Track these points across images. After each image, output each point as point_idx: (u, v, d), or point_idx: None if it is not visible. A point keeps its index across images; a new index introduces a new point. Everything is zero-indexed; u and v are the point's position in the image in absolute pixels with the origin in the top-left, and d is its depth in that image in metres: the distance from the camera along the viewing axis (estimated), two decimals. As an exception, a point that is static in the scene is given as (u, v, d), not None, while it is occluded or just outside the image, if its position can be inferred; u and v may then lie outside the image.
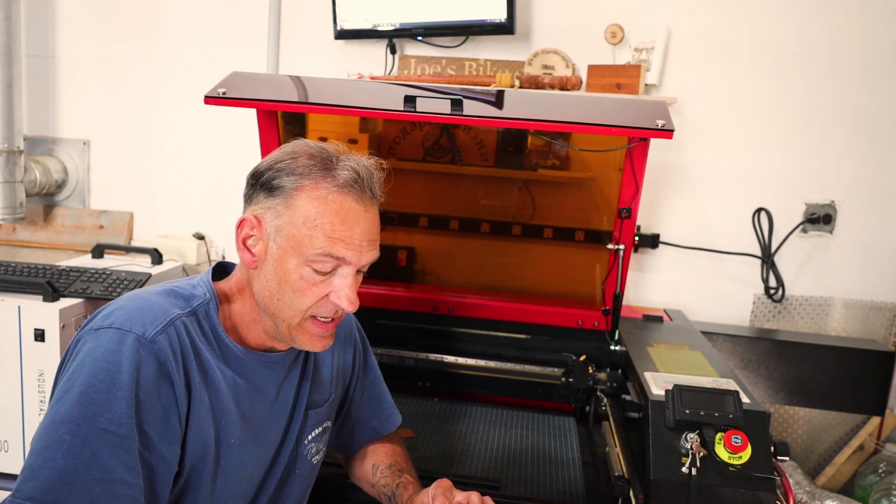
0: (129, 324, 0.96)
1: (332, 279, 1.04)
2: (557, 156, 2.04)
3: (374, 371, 1.40)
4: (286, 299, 1.04)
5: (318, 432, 1.24)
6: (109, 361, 0.93)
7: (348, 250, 1.02)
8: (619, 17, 2.27)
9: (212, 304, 1.07)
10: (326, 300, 1.05)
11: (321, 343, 1.09)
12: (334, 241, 1.01)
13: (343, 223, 1.02)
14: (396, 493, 1.23)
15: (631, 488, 1.27)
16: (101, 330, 0.96)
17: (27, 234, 2.76)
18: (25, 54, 2.60)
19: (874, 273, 2.30)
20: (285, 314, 1.05)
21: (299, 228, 1.02)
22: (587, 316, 1.87)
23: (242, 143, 2.51)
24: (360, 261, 1.05)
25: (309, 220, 1.01)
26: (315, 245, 1.01)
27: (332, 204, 1.02)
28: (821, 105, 2.26)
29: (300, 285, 1.03)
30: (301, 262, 1.02)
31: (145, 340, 0.95)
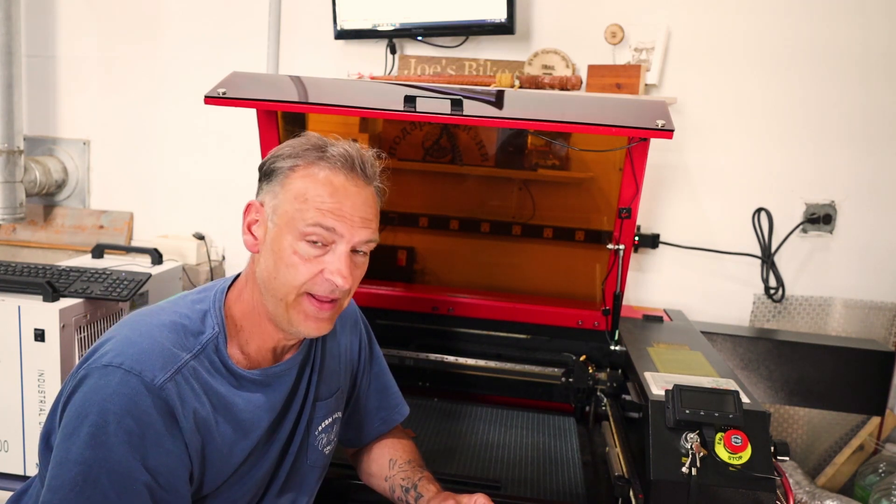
0: (140, 367, 0.97)
1: (326, 256, 1.06)
2: (557, 156, 2.04)
3: (379, 361, 1.41)
4: (281, 276, 1.06)
5: (328, 423, 1.25)
6: (118, 405, 0.95)
7: (338, 222, 1.04)
8: (619, 17, 2.27)
9: (220, 338, 1.08)
10: (321, 277, 1.05)
11: (316, 324, 1.08)
12: (324, 212, 1.04)
13: (332, 196, 1.05)
14: (418, 485, 1.24)
15: (631, 488, 1.27)
16: (110, 368, 0.97)
17: (27, 234, 2.76)
18: (25, 54, 2.59)
19: (874, 273, 2.30)
20: (281, 292, 1.06)
21: (292, 204, 1.05)
22: (587, 316, 1.87)
23: (242, 144, 2.51)
24: (352, 235, 1.06)
25: (300, 196, 1.05)
26: (306, 218, 1.04)
27: (322, 179, 1.06)
28: (821, 105, 2.26)
29: (294, 260, 1.05)
30: (295, 237, 1.05)
31: (154, 387, 0.97)
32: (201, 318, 1.08)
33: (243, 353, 1.11)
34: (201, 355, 1.04)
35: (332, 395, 1.25)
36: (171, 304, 1.12)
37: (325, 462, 1.27)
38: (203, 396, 1.03)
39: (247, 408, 1.08)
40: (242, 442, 1.09)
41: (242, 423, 1.08)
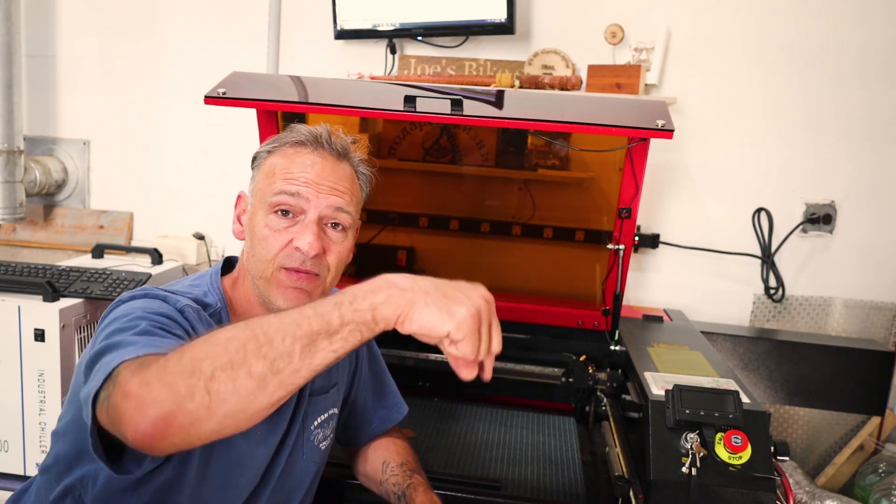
0: (162, 294, 1.03)
1: (295, 227, 1.08)
2: (557, 156, 2.04)
3: (378, 360, 1.41)
4: (256, 252, 1.09)
5: (324, 418, 1.25)
6: (149, 309, 0.98)
7: (302, 186, 1.07)
8: (619, 17, 2.27)
9: (223, 313, 1.11)
10: (290, 247, 1.07)
11: (293, 294, 1.08)
12: (289, 179, 1.08)
13: (298, 166, 1.09)
14: (407, 492, 1.23)
15: (631, 488, 1.27)
16: (133, 298, 1.01)
17: (27, 234, 2.76)
18: (25, 54, 2.59)
19: (874, 273, 2.30)
20: (259, 268, 1.09)
21: (262, 181, 1.11)
22: (587, 316, 1.87)
23: (243, 144, 2.51)
24: (318, 201, 1.08)
25: (269, 171, 1.10)
26: (273, 188, 1.08)
27: (291, 154, 1.10)
28: (821, 105, 2.26)
29: (265, 233, 1.08)
30: (265, 211, 1.08)
31: (176, 308, 1.01)
32: (203, 294, 1.12)
33: None
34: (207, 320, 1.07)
35: (329, 390, 1.25)
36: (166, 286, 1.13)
37: (321, 458, 1.26)
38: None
39: None
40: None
41: None
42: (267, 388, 0.74)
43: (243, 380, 0.73)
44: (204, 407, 0.73)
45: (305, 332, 0.76)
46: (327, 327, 0.77)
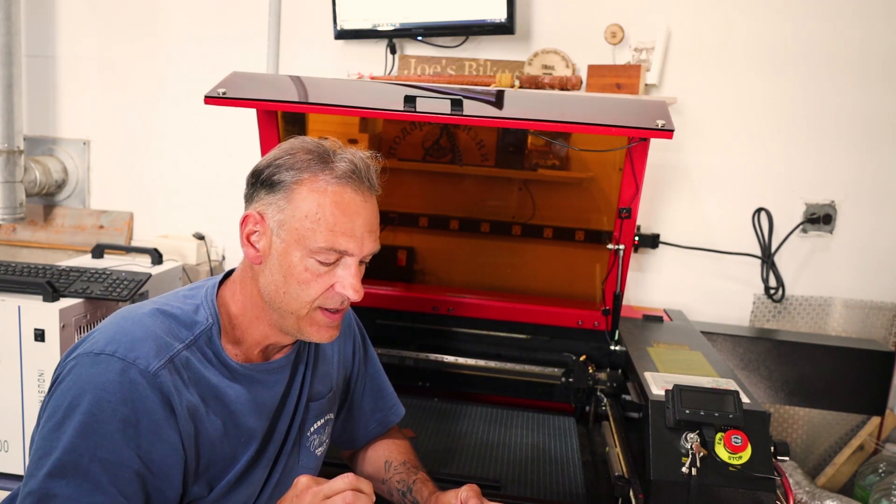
0: (133, 355, 0.97)
1: (336, 270, 1.06)
2: (557, 156, 2.04)
3: (374, 363, 1.41)
4: (292, 292, 1.05)
5: (321, 424, 1.25)
6: (113, 393, 0.94)
7: (350, 242, 1.04)
8: (619, 17, 2.27)
9: (214, 329, 1.08)
10: (332, 291, 1.06)
11: (328, 334, 1.09)
12: (336, 234, 1.03)
13: (344, 215, 1.03)
14: (413, 487, 1.24)
15: (631, 488, 1.27)
16: (102, 356, 0.96)
17: (27, 234, 2.76)
18: (25, 54, 2.59)
19: (874, 273, 2.30)
20: (293, 307, 1.06)
21: (302, 222, 1.03)
22: (587, 316, 1.87)
23: (242, 144, 2.51)
24: (362, 251, 1.06)
25: (311, 214, 1.03)
26: (318, 239, 1.03)
27: (332, 196, 1.03)
28: (820, 105, 2.26)
29: (305, 277, 1.04)
30: (305, 254, 1.04)
31: (148, 374, 0.96)
32: (194, 310, 1.08)
33: (235, 348, 1.11)
34: (194, 346, 1.04)
35: (325, 395, 1.25)
36: (161, 298, 1.12)
37: (316, 464, 1.26)
38: (194, 386, 1.02)
39: (238, 400, 1.08)
40: (234, 434, 1.08)
41: (234, 415, 1.07)
42: None
43: None
44: None
45: None
46: None
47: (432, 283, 2.15)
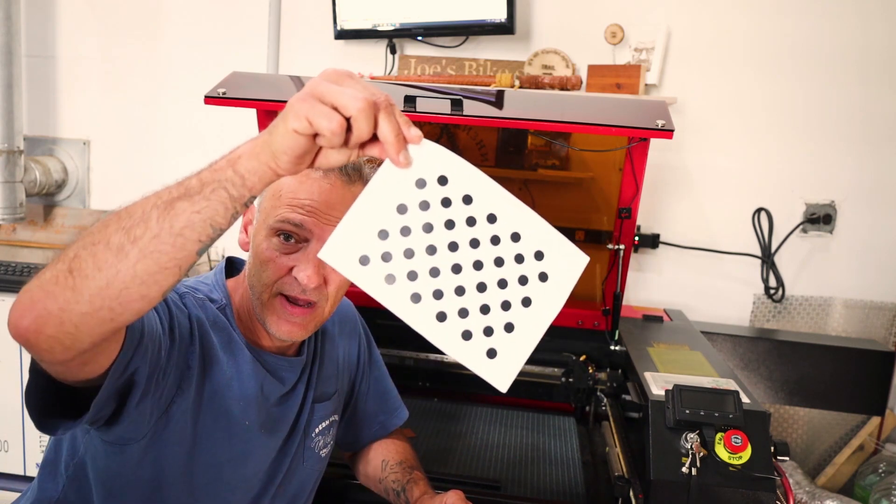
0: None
1: (297, 254, 1.04)
2: (557, 156, 2.04)
3: (379, 366, 1.41)
4: (256, 272, 1.05)
5: (325, 425, 1.24)
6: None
7: (307, 217, 1.02)
8: (619, 17, 2.27)
9: (228, 309, 1.09)
10: (290, 276, 1.03)
11: (287, 327, 1.05)
12: (294, 207, 1.02)
13: (307, 192, 1.03)
14: (406, 487, 1.23)
15: (631, 488, 1.27)
16: None
17: (27, 234, 2.76)
18: (25, 54, 2.59)
19: (874, 273, 2.30)
20: (258, 289, 1.05)
21: (269, 201, 1.05)
22: (587, 316, 1.87)
23: (242, 143, 2.51)
24: (322, 233, 1.02)
25: (276, 191, 1.04)
26: (277, 213, 1.03)
27: (300, 176, 1.03)
28: (821, 105, 2.26)
29: (266, 255, 1.04)
30: (268, 232, 1.04)
31: (175, 293, 1.00)
32: (209, 290, 1.10)
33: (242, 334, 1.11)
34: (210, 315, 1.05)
35: (330, 397, 1.25)
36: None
37: (321, 466, 1.26)
38: (214, 332, 1.04)
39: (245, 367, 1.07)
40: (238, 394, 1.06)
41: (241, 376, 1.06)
42: (127, 257, 0.71)
43: (102, 253, 0.71)
44: (69, 288, 0.71)
45: (164, 199, 0.74)
46: (185, 190, 0.74)
47: (432, 283, 2.14)
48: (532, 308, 0.80)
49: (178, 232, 0.72)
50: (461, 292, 0.78)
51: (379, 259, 0.76)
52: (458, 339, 0.78)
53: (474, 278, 0.78)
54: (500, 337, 0.79)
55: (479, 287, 0.78)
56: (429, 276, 0.77)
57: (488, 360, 0.78)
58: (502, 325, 0.79)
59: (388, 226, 0.75)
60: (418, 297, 0.77)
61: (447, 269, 0.77)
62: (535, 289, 0.80)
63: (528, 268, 0.79)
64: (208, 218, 0.73)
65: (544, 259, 0.80)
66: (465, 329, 0.77)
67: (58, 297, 0.71)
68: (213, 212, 0.73)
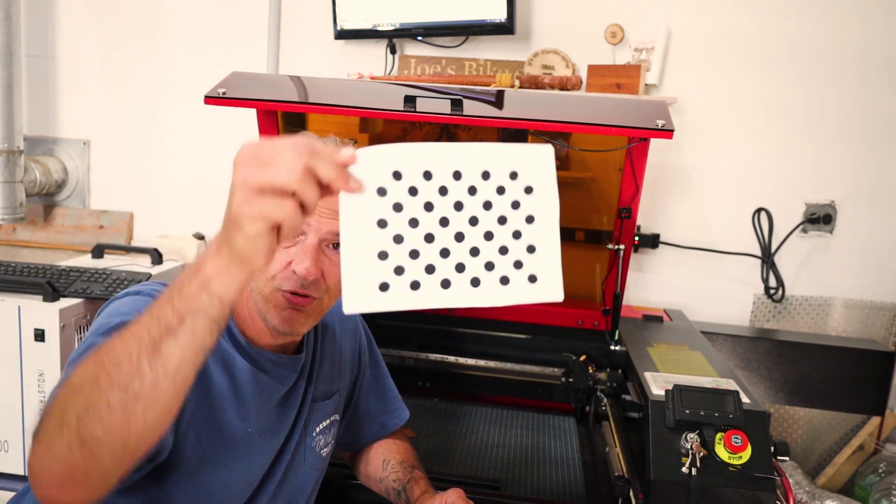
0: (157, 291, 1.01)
1: (295, 248, 1.04)
2: (557, 156, 2.03)
3: (380, 365, 1.41)
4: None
5: (326, 425, 1.24)
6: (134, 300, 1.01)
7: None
8: (619, 17, 2.27)
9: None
10: (289, 270, 1.03)
11: (287, 320, 1.06)
12: None
13: None
14: (407, 486, 1.24)
15: (631, 488, 1.27)
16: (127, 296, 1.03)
17: (27, 234, 2.76)
18: (25, 54, 2.59)
19: (874, 273, 2.30)
20: (257, 285, 1.06)
21: None
22: (587, 316, 1.87)
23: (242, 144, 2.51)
24: (319, 226, 1.03)
25: None
26: None
27: None
28: (821, 105, 2.26)
29: None
30: None
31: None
32: None
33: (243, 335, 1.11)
34: None
35: (331, 396, 1.25)
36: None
37: (322, 465, 1.26)
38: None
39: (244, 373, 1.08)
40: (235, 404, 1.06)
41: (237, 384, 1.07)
42: (134, 413, 0.71)
43: (107, 416, 0.71)
44: (86, 455, 0.71)
45: (147, 340, 0.71)
46: (166, 327, 0.71)
47: (432, 283, 2.14)
48: (537, 222, 0.84)
49: (174, 371, 0.71)
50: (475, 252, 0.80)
51: (394, 275, 0.77)
52: (505, 287, 0.81)
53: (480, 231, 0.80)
54: (528, 259, 0.81)
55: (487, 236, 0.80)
56: (441, 258, 0.78)
57: (532, 285, 0.81)
58: (525, 248, 0.82)
59: (381, 244, 0.76)
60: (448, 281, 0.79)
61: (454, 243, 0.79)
62: (529, 203, 0.84)
63: (513, 191, 0.82)
64: (198, 347, 0.72)
65: (519, 176, 0.83)
66: (503, 275, 0.80)
67: (79, 466, 0.72)
68: (202, 340, 0.72)
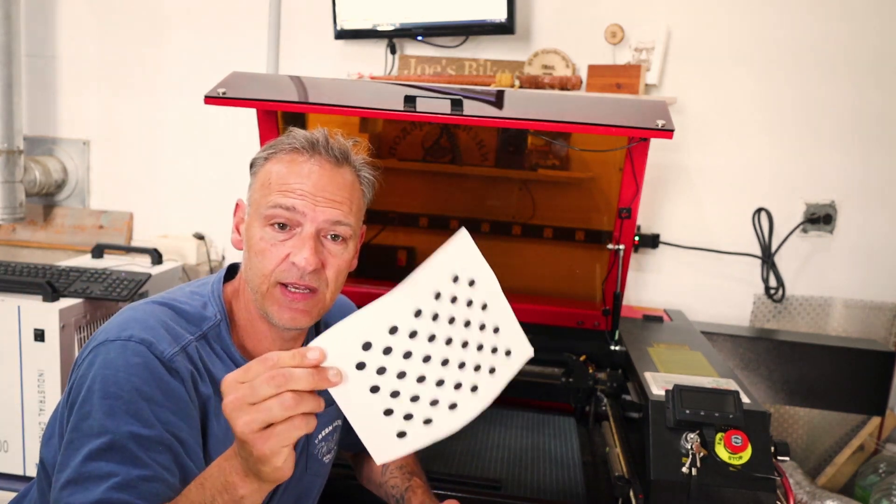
0: (149, 339, 0.97)
1: (291, 240, 1.03)
2: (557, 156, 2.04)
3: None
4: (253, 265, 1.05)
5: (328, 431, 1.24)
6: (134, 373, 0.95)
7: (298, 199, 1.02)
8: (619, 17, 2.27)
9: (223, 325, 1.07)
10: (287, 262, 1.03)
11: (288, 314, 1.05)
12: (284, 192, 1.03)
13: (296, 176, 1.03)
14: (405, 495, 1.23)
15: (631, 488, 1.27)
16: (117, 342, 0.97)
17: (27, 234, 2.76)
18: (25, 54, 2.59)
19: (874, 273, 2.30)
20: (256, 282, 1.05)
21: (259, 191, 1.06)
22: (587, 316, 1.87)
23: (242, 144, 2.51)
24: (315, 215, 1.02)
25: (265, 181, 1.05)
26: (268, 200, 1.03)
27: (288, 163, 1.05)
28: (821, 105, 2.26)
29: (261, 246, 1.04)
30: (261, 223, 1.04)
31: (165, 359, 0.97)
32: (202, 305, 1.08)
33: (244, 346, 1.10)
34: (203, 340, 1.04)
35: (332, 402, 1.24)
36: (167, 293, 1.11)
37: (325, 472, 1.26)
38: (206, 379, 1.02)
39: None
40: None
41: None
42: None
43: None
44: None
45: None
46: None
47: (432, 283, 2.14)
48: (490, 305, 0.95)
49: None
50: (462, 366, 0.90)
51: (406, 422, 0.87)
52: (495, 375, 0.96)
53: (457, 346, 0.88)
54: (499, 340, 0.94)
55: (464, 345, 0.90)
56: (438, 388, 0.89)
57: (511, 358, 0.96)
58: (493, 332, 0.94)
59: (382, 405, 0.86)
60: (454, 404, 0.90)
61: (443, 370, 0.88)
62: (478, 294, 0.94)
63: (462, 293, 0.91)
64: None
65: (459, 276, 0.92)
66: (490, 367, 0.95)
67: None
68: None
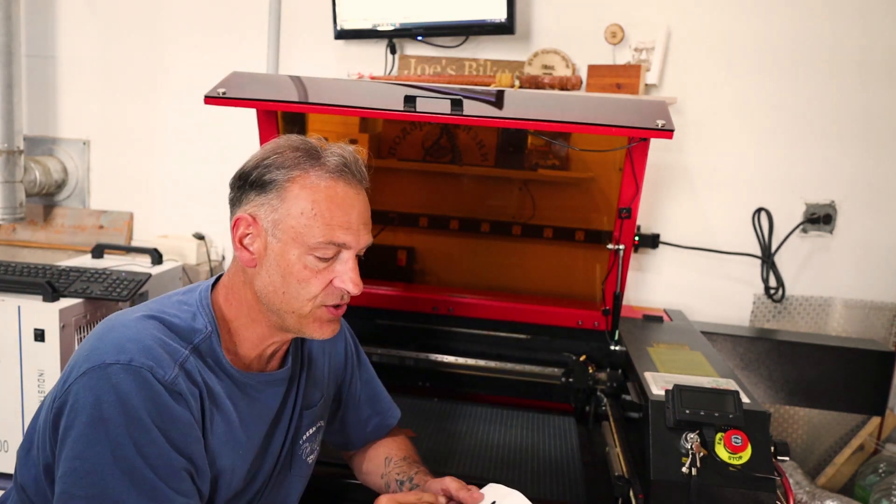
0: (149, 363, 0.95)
1: (335, 265, 1.06)
2: (557, 156, 2.04)
3: (367, 368, 1.41)
4: (292, 291, 1.05)
5: (313, 432, 1.25)
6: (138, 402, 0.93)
7: (348, 235, 1.05)
8: (619, 17, 2.27)
9: (213, 337, 1.06)
10: (332, 286, 1.06)
11: (330, 329, 1.10)
12: (333, 228, 1.03)
13: (339, 208, 1.04)
14: (414, 478, 1.24)
15: (631, 488, 1.27)
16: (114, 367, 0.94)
17: (27, 234, 2.76)
18: (25, 54, 2.59)
19: (874, 273, 2.30)
20: (293, 306, 1.05)
21: (298, 220, 1.03)
22: (587, 316, 1.87)
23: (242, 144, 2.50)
24: (359, 244, 1.07)
25: (307, 211, 1.03)
26: (315, 234, 1.03)
27: (326, 191, 1.04)
28: (821, 105, 2.26)
29: (305, 275, 1.04)
30: (303, 251, 1.03)
31: (167, 383, 0.96)
32: (191, 317, 1.06)
33: (233, 355, 1.10)
34: (196, 353, 1.03)
35: (317, 403, 1.25)
36: (153, 304, 1.09)
37: (308, 472, 1.26)
38: (201, 394, 1.02)
39: (239, 410, 1.08)
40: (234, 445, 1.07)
41: (233, 425, 1.06)
42: None
43: None
44: None
45: None
46: None
47: (432, 283, 2.15)
48: None
49: None
50: None
51: None
52: None
53: None
54: None
55: None
56: None
57: None
58: None
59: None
60: None
61: None
62: None
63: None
64: None
65: None
66: None
67: None
68: None
